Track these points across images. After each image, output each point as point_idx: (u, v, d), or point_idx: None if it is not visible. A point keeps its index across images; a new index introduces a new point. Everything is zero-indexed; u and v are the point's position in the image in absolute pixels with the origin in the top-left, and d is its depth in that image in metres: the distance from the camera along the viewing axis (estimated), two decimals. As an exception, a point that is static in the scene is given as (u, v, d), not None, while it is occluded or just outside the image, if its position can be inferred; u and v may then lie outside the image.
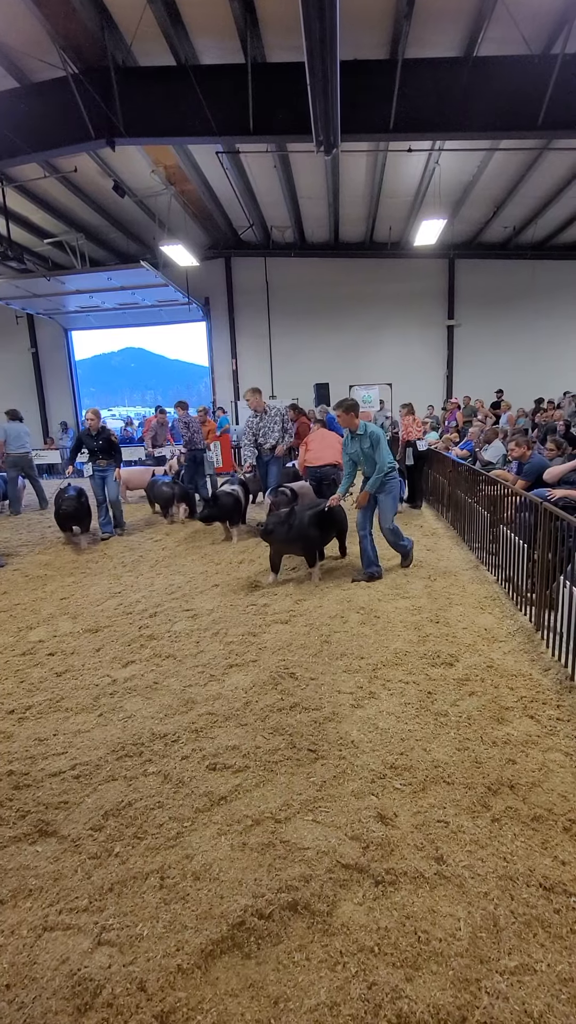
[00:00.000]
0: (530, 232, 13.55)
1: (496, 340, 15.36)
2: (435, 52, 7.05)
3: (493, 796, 2.13)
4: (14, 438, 8.95)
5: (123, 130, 7.34)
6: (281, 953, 1.56)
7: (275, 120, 7.29)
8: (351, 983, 1.47)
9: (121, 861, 1.89)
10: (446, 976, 1.47)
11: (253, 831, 1.99)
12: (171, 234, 11.69)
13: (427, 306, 15.46)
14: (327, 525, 4.88)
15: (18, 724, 2.79)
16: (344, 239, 14.75)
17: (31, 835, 2.03)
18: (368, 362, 15.62)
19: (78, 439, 6.88)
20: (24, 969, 1.53)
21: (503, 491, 4.75)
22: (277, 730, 2.60)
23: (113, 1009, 1.42)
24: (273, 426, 6.60)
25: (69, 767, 2.40)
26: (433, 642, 3.52)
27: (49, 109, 7.51)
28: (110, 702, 2.95)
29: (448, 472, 6.97)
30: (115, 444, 6.90)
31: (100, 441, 6.66)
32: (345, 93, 6.17)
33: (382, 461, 4.55)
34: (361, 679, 3.08)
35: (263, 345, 16.14)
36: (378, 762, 2.35)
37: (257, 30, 6.84)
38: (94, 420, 6.67)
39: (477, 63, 6.95)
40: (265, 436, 6.52)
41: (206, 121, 7.20)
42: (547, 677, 3.04)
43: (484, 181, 10.83)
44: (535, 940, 1.57)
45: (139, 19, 6.41)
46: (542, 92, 6.87)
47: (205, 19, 6.73)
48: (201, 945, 1.57)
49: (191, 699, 2.93)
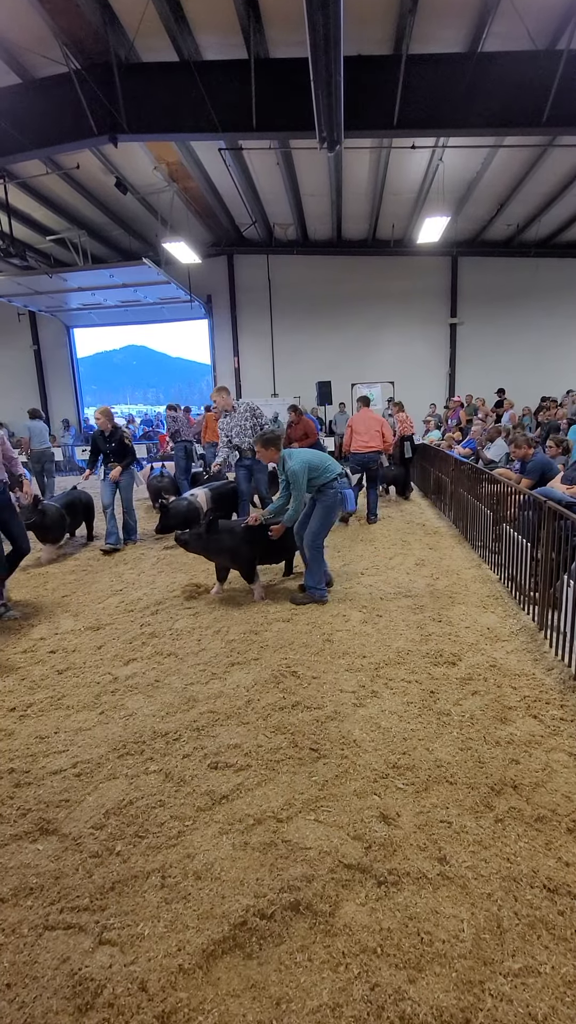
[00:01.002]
0: (534, 230, 13.50)
1: (499, 338, 15.32)
2: (439, 48, 7.01)
3: (496, 796, 2.12)
4: (37, 435, 9.77)
5: (126, 126, 7.32)
6: (283, 954, 1.55)
7: (278, 116, 7.27)
8: (353, 984, 1.45)
9: (122, 860, 1.88)
10: (449, 978, 1.46)
11: (255, 830, 1.98)
12: (173, 231, 11.67)
13: (430, 304, 15.42)
14: (270, 542, 4.32)
15: (19, 722, 2.78)
16: (347, 236, 14.72)
17: (32, 833, 2.02)
18: (370, 360, 15.59)
19: (93, 442, 6.29)
20: (25, 968, 1.52)
21: (506, 489, 4.73)
22: (279, 729, 2.59)
23: (114, 1009, 1.41)
24: (244, 424, 5.91)
25: (70, 765, 2.39)
26: (436, 641, 3.51)
27: (52, 105, 7.50)
28: (111, 700, 2.94)
29: (451, 471, 6.95)
30: (129, 446, 6.35)
31: (113, 443, 6.12)
32: (349, 89, 6.15)
33: (297, 498, 4.08)
34: (363, 678, 3.06)
35: (265, 343, 16.12)
36: (380, 761, 2.34)
37: (260, 25, 6.81)
38: (103, 420, 6.13)
39: (482, 59, 6.92)
40: (240, 436, 5.90)
41: (209, 117, 7.18)
42: (550, 677, 3.03)
43: (488, 178, 10.79)
44: (539, 942, 1.55)
45: (142, 14, 6.39)
46: (547, 88, 6.84)
47: (208, 14, 6.71)
48: (203, 945, 1.56)
49: (192, 697, 2.92)
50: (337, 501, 4.21)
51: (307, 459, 4.16)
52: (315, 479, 4.16)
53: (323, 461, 4.24)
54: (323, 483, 4.18)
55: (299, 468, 4.05)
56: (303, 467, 4.06)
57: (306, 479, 4.09)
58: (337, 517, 4.32)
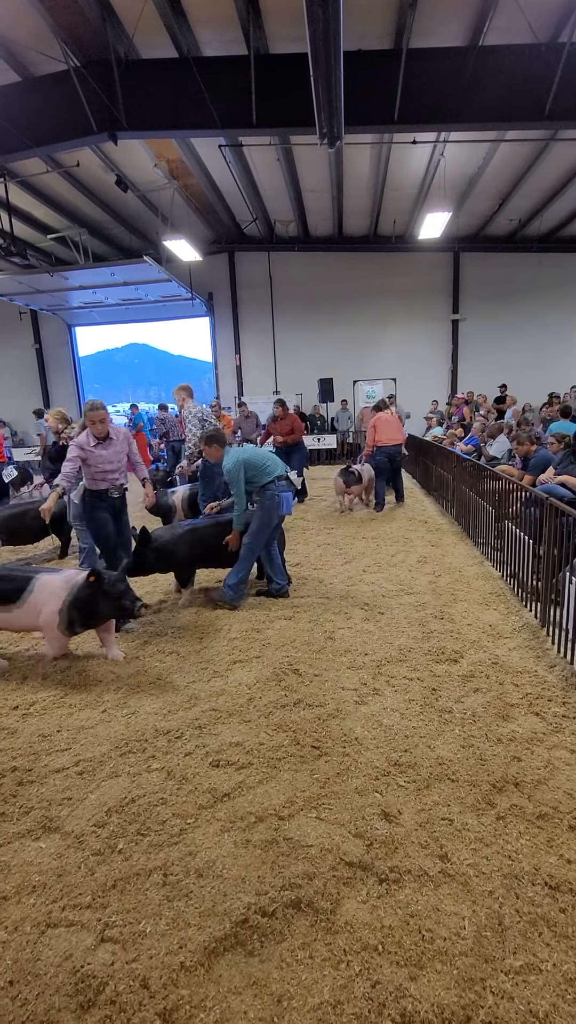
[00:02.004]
0: (536, 224, 13.41)
1: (501, 334, 15.24)
2: (440, 42, 6.96)
3: (498, 794, 2.12)
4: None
5: (125, 123, 7.31)
6: (284, 951, 1.55)
7: (278, 112, 7.24)
8: (355, 981, 1.46)
9: (124, 858, 1.88)
10: (450, 975, 1.46)
11: (256, 828, 1.98)
12: (174, 229, 11.64)
13: (432, 300, 15.35)
14: (215, 548, 4.22)
15: (22, 720, 2.80)
16: (348, 233, 14.66)
17: (35, 831, 2.03)
18: (372, 357, 15.54)
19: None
20: (27, 965, 1.53)
21: (508, 486, 4.72)
22: (280, 727, 2.59)
23: (116, 1006, 1.42)
24: (192, 428, 5.52)
25: (73, 763, 2.40)
26: (437, 638, 3.51)
27: (51, 103, 7.48)
28: (113, 698, 2.95)
29: (453, 467, 6.94)
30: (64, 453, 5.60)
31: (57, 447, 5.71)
32: (349, 84, 6.11)
33: (238, 499, 4.02)
34: (365, 675, 3.06)
35: (267, 340, 16.09)
36: (382, 759, 2.34)
37: (260, 21, 6.78)
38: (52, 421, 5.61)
39: (482, 52, 6.87)
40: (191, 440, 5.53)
41: (209, 114, 7.15)
42: (552, 674, 3.02)
43: (490, 173, 10.73)
44: (540, 939, 1.55)
45: (141, 11, 6.36)
46: (549, 81, 6.79)
47: (207, 10, 6.68)
48: (204, 942, 1.57)
49: (194, 695, 2.93)
50: (275, 503, 4.05)
51: (244, 458, 4.04)
52: (254, 479, 4.04)
53: (262, 461, 4.09)
54: (262, 484, 4.06)
55: (232, 466, 3.96)
56: (237, 466, 3.96)
57: (242, 478, 3.98)
58: (276, 519, 4.12)
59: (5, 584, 3.30)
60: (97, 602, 3.22)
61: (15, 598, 3.25)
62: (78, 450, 3.80)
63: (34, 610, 3.25)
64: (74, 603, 3.21)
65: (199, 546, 4.21)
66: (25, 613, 3.26)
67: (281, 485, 4.11)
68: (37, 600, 3.24)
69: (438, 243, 13.05)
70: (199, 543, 4.21)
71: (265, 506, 4.06)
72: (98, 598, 3.21)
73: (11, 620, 3.34)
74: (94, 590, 3.20)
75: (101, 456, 3.85)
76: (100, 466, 3.85)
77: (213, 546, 4.22)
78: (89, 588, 3.21)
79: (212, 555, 4.29)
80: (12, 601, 3.26)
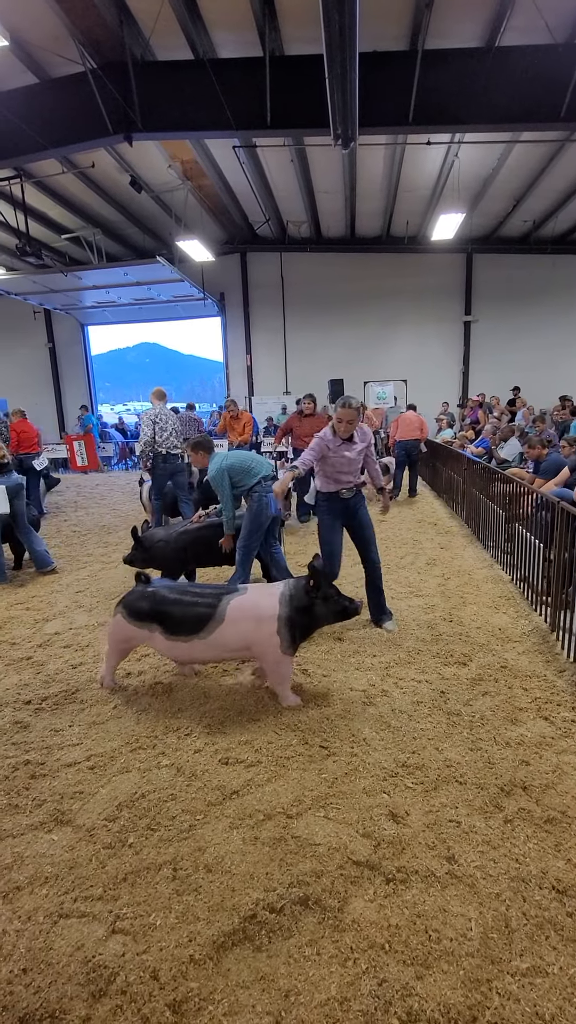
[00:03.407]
0: (550, 226, 13.31)
1: (514, 336, 15.14)
2: (456, 43, 6.94)
3: (506, 797, 2.12)
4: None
5: (140, 125, 7.36)
6: (292, 947, 1.57)
7: (293, 113, 7.25)
8: (361, 979, 1.47)
9: (135, 852, 1.91)
10: (457, 975, 1.47)
11: (265, 826, 2.00)
12: (187, 229, 11.70)
13: (444, 302, 15.29)
14: (206, 550, 4.20)
15: (35, 715, 2.84)
16: (360, 233, 14.64)
17: (47, 823, 2.07)
18: (383, 358, 15.50)
19: None
20: (40, 954, 1.56)
21: (519, 489, 4.70)
22: (289, 726, 2.61)
23: (127, 996, 1.44)
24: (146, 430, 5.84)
25: (84, 758, 2.44)
26: (446, 641, 3.51)
27: (67, 104, 7.55)
28: (124, 695, 2.99)
29: (463, 470, 6.91)
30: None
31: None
32: (364, 85, 6.11)
33: (225, 504, 3.98)
34: (373, 677, 3.07)
35: (278, 340, 16.12)
36: (390, 760, 2.35)
37: (275, 22, 6.80)
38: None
39: (499, 53, 6.84)
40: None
41: (223, 115, 7.18)
42: (562, 679, 3.01)
43: (504, 174, 10.67)
44: (547, 942, 1.56)
45: (157, 13, 6.41)
46: (565, 82, 6.74)
47: (223, 12, 6.71)
48: (213, 937, 1.59)
49: (204, 693, 2.96)
50: (262, 505, 3.99)
51: (227, 464, 3.98)
52: (241, 483, 4.01)
53: (247, 463, 4.03)
54: (249, 487, 4.02)
55: (216, 474, 3.95)
56: (220, 473, 3.94)
57: (227, 483, 3.95)
58: (266, 521, 4.04)
59: (182, 609, 2.77)
60: (317, 609, 2.78)
61: (198, 629, 2.74)
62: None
63: (236, 636, 2.73)
64: (292, 615, 2.73)
65: (192, 547, 4.26)
66: (217, 641, 2.75)
67: (268, 486, 4.05)
68: (239, 628, 2.72)
69: (451, 244, 13.00)
70: (193, 543, 4.24)
71: (253, 509, 4.02)
72: (316, 604, 2.77)
73: (194, 651, 2.80)
74: (313, 597, 2.76)
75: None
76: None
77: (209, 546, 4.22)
78: (308, 596, 2.76)
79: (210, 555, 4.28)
80: (195, 633, 2.74)
